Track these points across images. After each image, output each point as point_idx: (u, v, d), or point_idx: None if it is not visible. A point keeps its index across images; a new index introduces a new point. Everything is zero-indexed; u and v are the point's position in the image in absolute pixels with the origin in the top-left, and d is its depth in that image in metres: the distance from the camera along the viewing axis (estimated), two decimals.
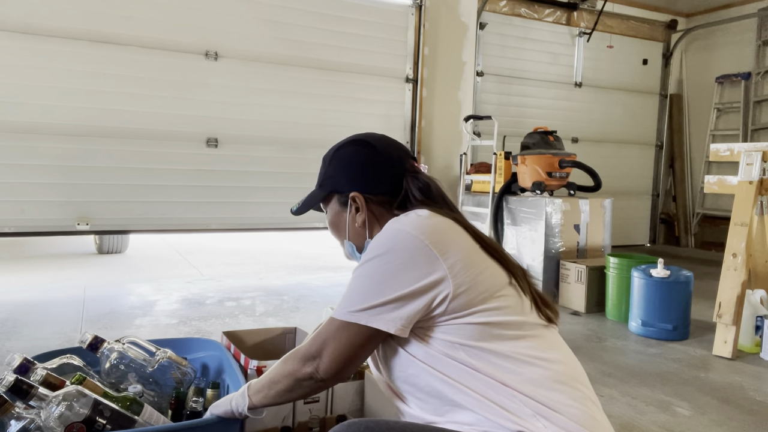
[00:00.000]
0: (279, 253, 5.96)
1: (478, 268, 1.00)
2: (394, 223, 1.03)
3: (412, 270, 0.97)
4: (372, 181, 1.18)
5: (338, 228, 1.23)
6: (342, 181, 1.20)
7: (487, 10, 5.50)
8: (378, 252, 1.00)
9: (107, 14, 3.77)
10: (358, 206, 1.17)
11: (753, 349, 2.88)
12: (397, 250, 0.99)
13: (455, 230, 1.05)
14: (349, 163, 1.20)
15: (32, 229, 3.73)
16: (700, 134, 6.76)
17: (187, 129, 4.06)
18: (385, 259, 0.99)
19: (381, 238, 1.02)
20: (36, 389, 1.23)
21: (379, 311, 0.98)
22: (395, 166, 1.19)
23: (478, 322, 0.98)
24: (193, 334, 2.91)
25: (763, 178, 2.83)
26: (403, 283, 0.97)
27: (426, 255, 0.97)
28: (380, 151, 1.20)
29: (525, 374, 0.96)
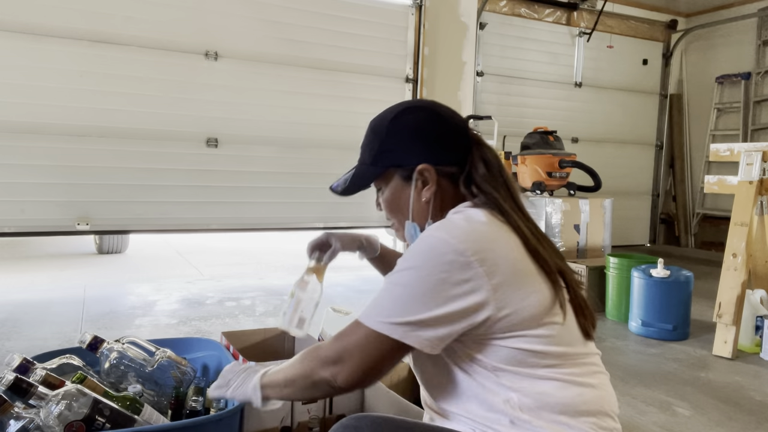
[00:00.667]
0: (279, 253, 5.95)
1: (525, 290, 0.93)
2: (441, 232, 0.93)
3: (454, 287, 0.89)
4: (440, 150, 1.06)
5: (398, 207, 1.11)
6: (405, 153, 1.07)
7: (487, 10, 5.50)
8: (420, 262, 0.91)
9: (107, 14, 3.77)
10: (426, 180, 1.06)
11: (753, 349, 2.88)
12: (440, 263, 0.89)
13: (505, 239, 0.96)
14: (413, 132, 1.07)
15: (32, 229, 3.73)
16: (700, 134, 6.76)
17: (187, 129, 4.06)
18: (427, 271, 0.90)
19: (425, 246, 0.92)
20: (35, 388, 1.23)
21: (415, 328, 0.89)
22: (461, 134, 1.08)
23: (517, 348, 0.93)
24: (193, 334, 2.91)
25: (763, 178, 2.83)
26: (444, 301, 0.89)
27: (470, 272, 0.89)
28: (445, 116, 1.09)
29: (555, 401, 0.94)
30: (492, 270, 0.90)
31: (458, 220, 0.96)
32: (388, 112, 1.12)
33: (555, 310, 0.96)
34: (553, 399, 0.93)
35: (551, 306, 0.95)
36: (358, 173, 1.15)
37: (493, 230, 0.96)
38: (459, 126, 1.09)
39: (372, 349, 0.91)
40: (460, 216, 0.98)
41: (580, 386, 0.96)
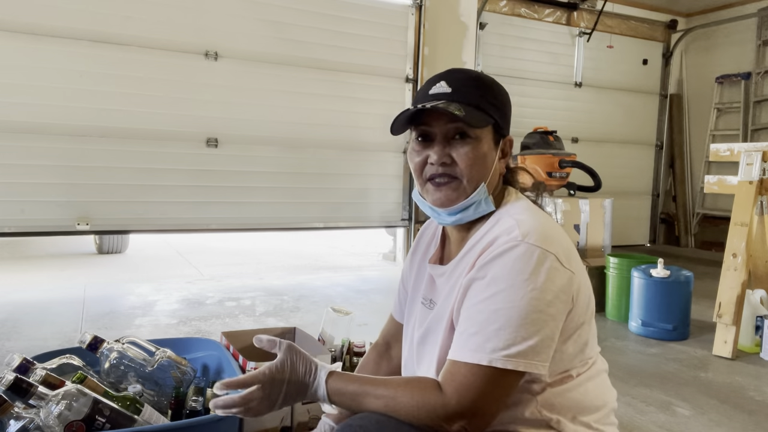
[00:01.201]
0: (279, 253, 5.95)
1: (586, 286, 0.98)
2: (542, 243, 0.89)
3: (558, 297, 0.87)
4: (508, 122, 1.06)
5: (484, 165, 1.00)
6: (504, 118, 1.04)
7: (487, 10, 5.50)
8: (518, 278, 0.86)
9: (107, 14, 3.77)
10: (506, 152, 1.05)
11: (753, 349, 2.88)
12: (548, 279, 0.87)
13: (564, 233, 0.98)
14: (508, 102, 1.06)
15: (32, 229, 3.73)
16: (700, 134, 6.75)
17: (187, 129, 4.06)
18: (527, 286, 0.85)
19: (527, 259, 0.87)
20: (35, 388, 1.23)
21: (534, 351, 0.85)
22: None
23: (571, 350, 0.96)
24: (193, 334, 2.91)
25: (763, 178, 2.83)
26: (553, 312, 0.87)
27: (566, 277, 0.89)
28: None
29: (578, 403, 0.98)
30: (575, 270, 0.92)
31: (534, 223, 0.92)
32: (476, 72, 1.07)
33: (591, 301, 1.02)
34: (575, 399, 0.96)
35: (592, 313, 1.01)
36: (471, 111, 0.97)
37: (557, 226, 0.97)
38: None
39: (499, 388, 0.85)
40: (527, 216, 0.95)
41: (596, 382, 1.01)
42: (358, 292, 4.03)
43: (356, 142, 4.66)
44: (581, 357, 0.98)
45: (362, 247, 6.42)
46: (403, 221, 4.98)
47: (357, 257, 5.76)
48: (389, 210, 4.91)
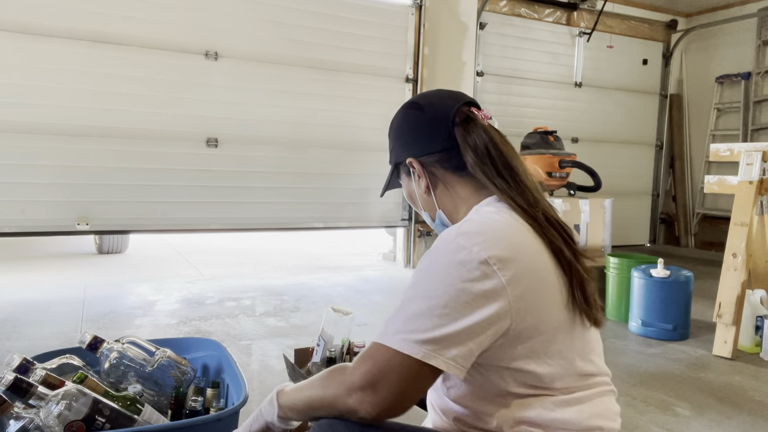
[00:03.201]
0: (279, 253, 5.95)
1: (543, 302, 0.88)
2: (461, 238, 0.87)
3: (476, 297, 0.83)
4: (422, 142, 1.06)
5: (412, 199, 1.15)
6: (399, 149, 1.11)
7: (487, 10, 5.50)
8: (439, 270, 0.86)
9: (108, 14, 3.77)
10: (417, 172, 1.08)
11: (753, 349, 2.88)
12: (462, 272, 0.84)
13: (523, 239, 0.90)
14: (398, 129, 1.12)
15: (32, 229, 3.74)
16: (700, 134, 6.75)
17: (187, 129, 4.06)
18: (448, 280, 0.84)
19: (444, 253, 0.87)
20: (35, 388, 1.23)
21: (439, 346, 0.82)
22: (442, 119, 1.05)
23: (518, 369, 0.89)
24: (193, 334, 2.91)
25: (763, 178, 2.83)
26: (466, 311, 0.83)
27: (492, 281, 0.83)
28: (425, 106, 1.09)
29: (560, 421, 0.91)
30: (512, 279, 0.84)
31: (476, 222, 0.91)
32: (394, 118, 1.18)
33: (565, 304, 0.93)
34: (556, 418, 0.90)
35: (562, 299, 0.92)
36: (389, 174, 1.20)
37: (515, 233, 0.90)
38: (438, 113, 1.05)
39: (397, 372, 0.83)
40: (478, 216, 0.94)
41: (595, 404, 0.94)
42: (358, 292, 4.03)
43: (356, 142, 4.66)
44: (573, 375, 0.92)
45: (362, 247, 6.42)
46: (403, 221, 4.98)
47: (357, 257, 5.76)
48: (389, 210, 4.91)
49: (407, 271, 4.98)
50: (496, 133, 1.04)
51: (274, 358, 2.59)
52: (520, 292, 0.85)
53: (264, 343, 2.83)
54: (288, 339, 2.89)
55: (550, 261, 0.91)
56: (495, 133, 1.04)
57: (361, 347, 1.83)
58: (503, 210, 0.94)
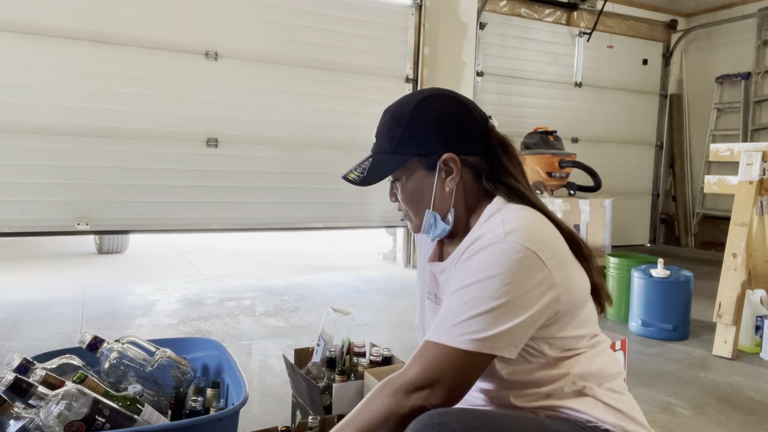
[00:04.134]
0: (279, 253, 5.95)
1: (575, 279, 0.98)
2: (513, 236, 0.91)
3: (533, 290, 0.90)
4: (464, 139, 1.04)
5: (420, 197, 1.07)
6: (429, 141, 1.03)
7: (487, 10, 5.50)
8: (497, 269, 0.89)
9: (107, 14, 3.77)
10: (450, 169, 1.03)
11: (753, 349, 2.88)
12: (519, 268, 0.89)
13: (553, 232, 0.98)
14: (438, 119, 1.04)
15: (32, 229, 3.74)
16: (700, 134, 6.75)
17: (187, 129, 4.06)
18: (508, 279, 0.89)
19: (501, 252, 0.90)
20: (35, 388, 1.23)
21: (503, 338, 0.89)
22: (481, 120, 1.07)
23: (570, 335, 0.98)
24: (193, 334, 2.91)
25: (763, 178, 2.83)
26: (527, 305, 0.89)
27: (544, 272, 0.91)
28: (467, 103, 1.07)
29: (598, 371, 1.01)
30: (556, 266, 0.92)
31: (518, 221, 0.94)
32: (408, 98, 1.08)
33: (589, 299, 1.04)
34: (596, 369, 1.00)
35: (588, 294, 1.02)
36: (377, 162, 1.07)
37: (546, 225, 0.97)
38: (480, 116, 1.08)
39: (463, 368, 0.89)
40: (515, 215, 0.97)
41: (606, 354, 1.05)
42: (358, 292, 4.03)
43: (356, 142, 4.66)
44: (589, 336, 1.03)
45: (362, 247, 6.42)
46: (403, 221, 4.98)
47: (357, 257, 5.76)
48: (389, 210, 4.91)
49: (407, 271, 4.98)
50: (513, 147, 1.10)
51: (274, 358, 2.59)
52: (563, 277, 0.93)
53: (264, 343, 2.83)
54: (288, 339, 2.89)
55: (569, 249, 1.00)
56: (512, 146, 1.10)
57: (362, 347, 1.83)
58: (525, 208, 1.00)
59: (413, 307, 1.32)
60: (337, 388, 1.61)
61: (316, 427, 1.46)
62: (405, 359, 1.81)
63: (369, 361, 1.81)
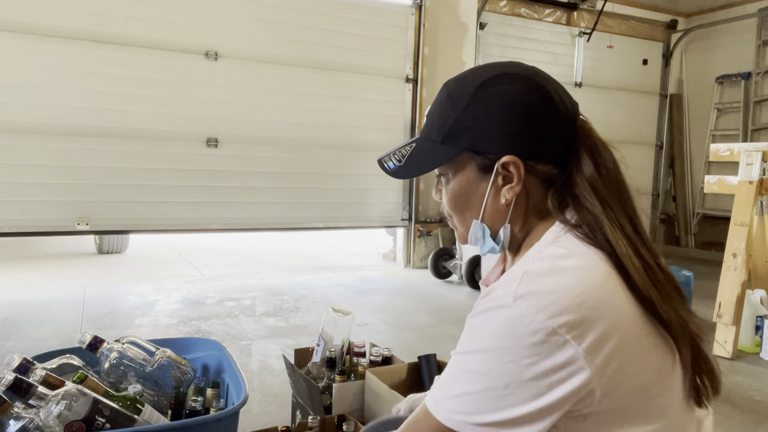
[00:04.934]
0: (279, 253, 5.95)
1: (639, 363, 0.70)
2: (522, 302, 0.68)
3: (548, 375, 0.67)
4: (538, 139, 0.79)
5: (467, 203, 0.84)
6: (491, 136, 0.79)
7: (487, 10, 5.50)
8: (497, 343, 0.69)
9: (107, 14, 3.77)
10: (510, 176, 0.79)
11: (753, 349, 2.88)
12: (525, 346, 0.67)
13: (610, 292, 0.70)
14: (506, 108, 0.78)
15: (32, 229, 3.74)
16: (700, 134, 6.75)
17: (187, 129, 4.06)
18: (509, 357, 0.67)
19: (502, 322, 0.69)
20: (35, 388, 1.23)
21: (501, 427, 0.68)
22: (569, 121, 0.82)
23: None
24: (193, 334, 2.91)
25: (763, 178, 2.83)
26: (537, 393, 0.67)
27: (567, 353, 0.66)
28: (553, 95, 0.80)
29: None
30: (595, 346, 0.66)
31: (543, 277, 0.70)
32: (474, 73, 0.83)
33: (670, 382, 0.74)
34: None
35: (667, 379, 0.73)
36: (421, 150, 0.84)
37: (594, 284, 0.70)
38: (568, 109, 0.82)
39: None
40: (546, 265, 0.72)
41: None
42: (358, 292, 4.03)
43: (356, 142, 4.66)
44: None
45: (362, 247, 6.42)
46: (403, 221, 4.98)
47: (357, 257, 5.76)
48: (389, 210, 4.91)
49: (407, 271, 4.98)
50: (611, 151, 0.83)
51: (274, 358, 2.59)
52: (606, 363, 0.67)
53: (264, 343, 2.83)
54: (288, 339, 2.89)
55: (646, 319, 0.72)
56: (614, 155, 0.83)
57: (362, 347, 1.83)
58: (577, 250, 0.74)
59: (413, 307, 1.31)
60: (337, 388, 1.61)
61: (316, 427, 1.46)
62: (405, 359, 1.81)
63: (369, 361, 1.81)
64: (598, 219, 0.77)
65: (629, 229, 0.78)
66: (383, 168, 0.88)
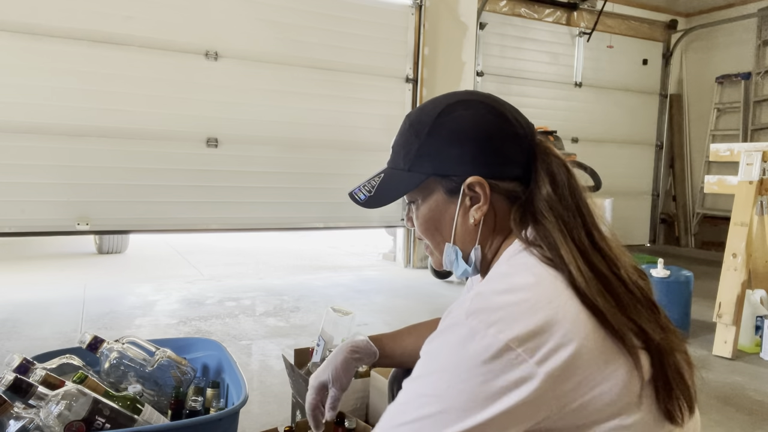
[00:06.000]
0: (279, 253, 5.95)
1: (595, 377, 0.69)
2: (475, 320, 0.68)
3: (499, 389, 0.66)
4: (498, 159, 0.83)
5: (437, 226, 0.87)
6: (454, 160, 0.83)
7: (487, 10, 5.50)
8: (452, 362, 0.68)
9: (107, 14, 3.77)
10: (477, 196, 0.83)
11: (753, 349, 2.88)
12: (478, 363, 0.66)
13: (565, 307, 0.70)
14: (465, 132, 0.83)
15: (32, 229, 3.74)
16: (700, 134, 6.75)
17: (187, 129, 4.06)
18: (463, 376, 0.67)
19: (456, 341, 0.69)
20: (35, 388, 1.23)
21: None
22: (526, 140, 0.84)
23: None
24: (193, 334, 2.91)
25: (763, 178, 2.83)
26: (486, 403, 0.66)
27: (520, 368, 0.66)
28: (508, 116, 0.85)
29: None
30: (548, 358, 0.66)
31: (500, 292, 0.72)
32: (432, 104, 0.88)
33: (632, 398, 0.71)
34: None
35: (629, 392, 0.71)
36: (389, 180, 0.90)
37: (544, 298, 0.70)
38: (524, 129, 0.85)
39: None
40: (497, 284, 0.74)
41: None
42: (358, 292, 4.03)
43: (356, 142, 4.66)
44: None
45: (362, 247, 6.42)
46: (403, 221, 4.98)
47: (357, 257, 5.76)
48: (389, 210, 4.91)
49: (407, 271, 4.98)
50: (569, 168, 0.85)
51: (274, 358, 2.59)
52: (561, 370, 0.66)
53: (264, 343, 2.83)
54: (288, 339, 2.89)
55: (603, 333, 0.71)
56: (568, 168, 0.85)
57: None
58: (530, 268, 0.75)
59: (413, 307, 1.31)
60: None
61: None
62: None
63: None
64: (553, 236, 0.78)
65: (586, 243, 0.78)
66: (355, 200, 0.94)
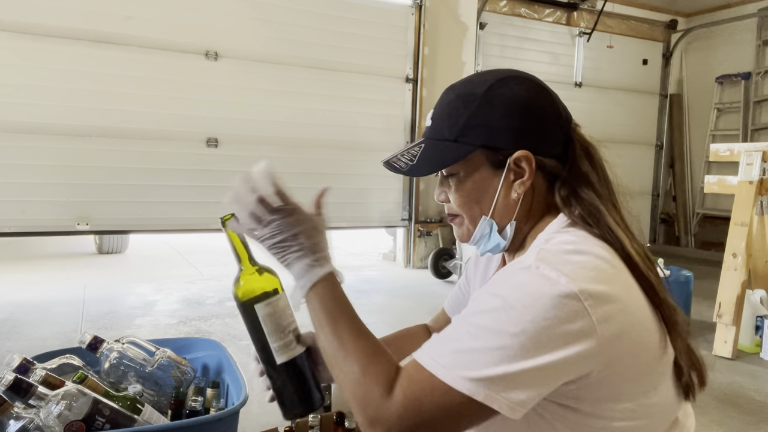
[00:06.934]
0: None
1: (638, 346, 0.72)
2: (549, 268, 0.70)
3: (558, 337, 0.67)
4: (545, 136, 0.83)
5: (478, 199, 0.86)
6: (502, 132, 0.82)
7: (487, 10, 5.50)
8: (519, 302, 0.68)
9: (108, 14, 3.77)
10: (522, 171, 0.82)
11: (753, 349, 2.88)
12: (545, 308, 0.67)
13: (624, 278, 0.74)
14: (517, 107, 0.82)
15: (32, 229, 3.74)
16: (700, 134, 6.76)
17: (187, 129, 4.06)
18: (528, 316, 0.67)
19: (527, 283, 0.70)
20: (35, 388, 1.23)
21: (503, 386, 0.66)
22: (564, 121, 0.86)
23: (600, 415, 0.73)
24: (193, 334, 2.91)
25: (763, 178, 2.83)
26: (542, 350, 0.67)
27: (581, 321, 0.67)
28: (552, 95, 0.87)
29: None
30: (606, 319, 0.68)
31: (568, 252, 0.73)
32: (479, 77, 0.87)
33: (663, 368, 0.77)
34: None
35: (661, 361, 0.76)
36: (432, 149, 0.86)
37: (607, 264, 0.73)
38: (565, 111, 0.87)
39: (445, 411, 0.68)
40: (569, 245, 0.75)
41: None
42: (358, 292, 4.03)
43: (356, 142, 4.66)
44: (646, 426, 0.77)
45: (362, 247, 6.42)
46: (403, 221, 4.98)
47: (357, 257, 5.76)
48: (389, 210, 4.91)
49: (407, 271, 4.98)
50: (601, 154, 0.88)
51: None
52: (613, 335, 0.69)
53: None
54: None
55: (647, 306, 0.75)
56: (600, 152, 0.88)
57: None
58: (586, 238, 0.77)
59: (413, 307, 1.31)
60: (337, 388, 1.61)
61: (317, 426, 1.46)
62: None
63: None
64: (600, 211, 0.81)
65: (622, 223, 0.84)
66: (393, 168, 0.89)
